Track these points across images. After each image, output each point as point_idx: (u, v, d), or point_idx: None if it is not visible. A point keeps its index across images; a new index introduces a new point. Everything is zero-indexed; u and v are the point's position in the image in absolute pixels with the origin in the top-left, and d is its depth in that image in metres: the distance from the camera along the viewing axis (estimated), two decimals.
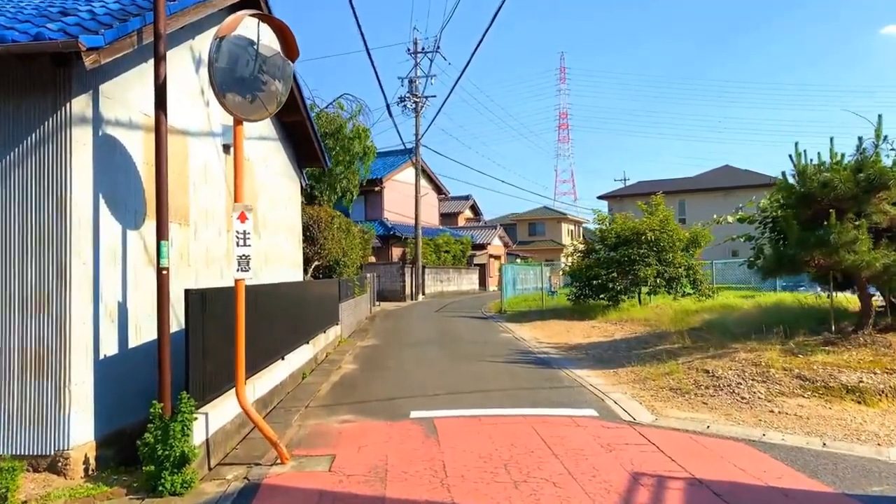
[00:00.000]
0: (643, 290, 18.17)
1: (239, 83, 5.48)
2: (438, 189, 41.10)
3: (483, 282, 42.64)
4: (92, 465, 5.04)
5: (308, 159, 11.71)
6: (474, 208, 52.86)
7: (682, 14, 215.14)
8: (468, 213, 51.92)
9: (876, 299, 10.50)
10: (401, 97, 30.78)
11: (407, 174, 34.36)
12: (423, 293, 31.76)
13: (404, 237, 32.44)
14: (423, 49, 30.83)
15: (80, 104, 5.04)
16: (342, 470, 5.11)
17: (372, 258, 27.86)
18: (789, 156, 9.33)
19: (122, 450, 5.28)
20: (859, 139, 9.31)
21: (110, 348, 5.35)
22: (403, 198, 33.46)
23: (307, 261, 14.03)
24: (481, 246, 42.89)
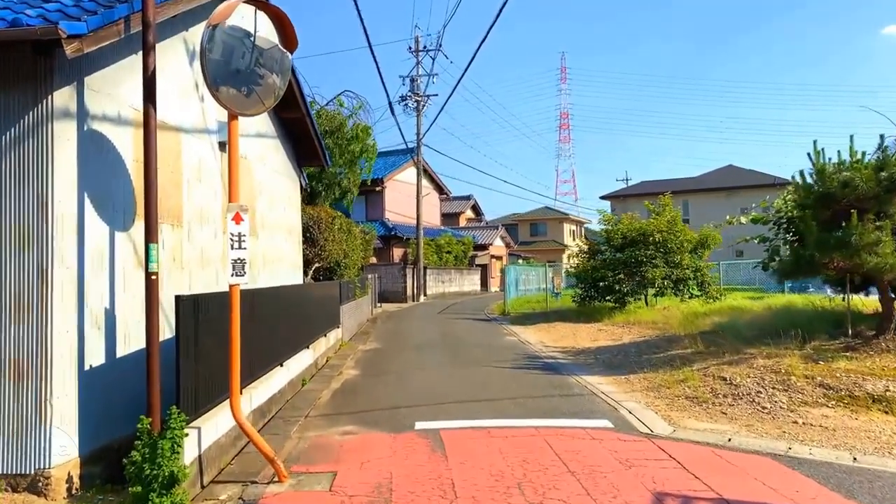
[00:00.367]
0: (650, 292, 17.80)
1: (234, 76, 5.19)
2: (440, 189, 40.75)
3: (485, 282, 42.31)
4: (76, 485, 4.70)
5: (308, 158, 11.36)
6: (476, 208, 52.54)
7: (683, 15, 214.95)
8: (469, 214, 51.59)
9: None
10: (402, 96, 30.45)
11: (408, 174, 34.02)
12: (425, 294, 31.42)
13: (406, 238, 32.11)
14: (425, 47, 30.53)
15: (63, 97, 4.70)
16: (344, 489, 4.77)
17: (373, 259, 27.52)
18: (808, 154, 8.98)
19: (110, 466, 4.94)
20: (881, 137, 8.97)
21: (96, 358, 5.01)
22: (405, 198, 33.12)
23: (307, 262, 13.67)
24: (483, 246, 42.55)
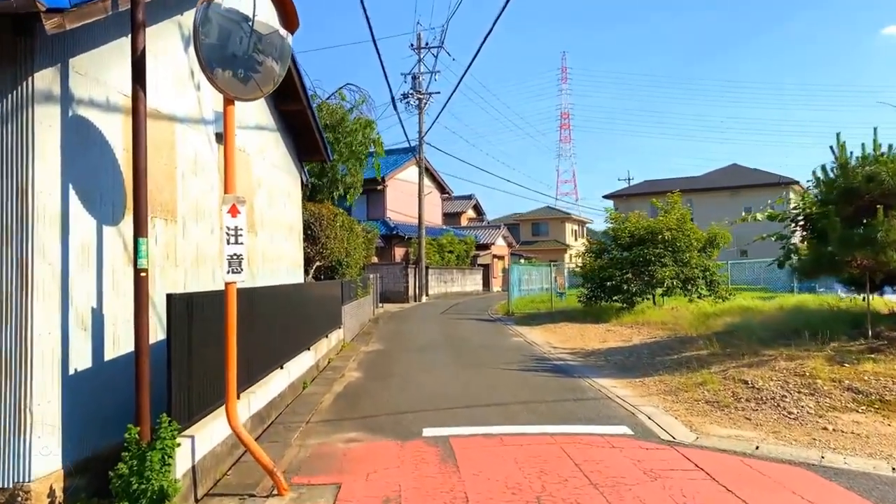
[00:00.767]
0: (657, 292, 17.43)
1: (230, 61, 4.86)
2: (442, 188, 40.39)
3: (487, 282, 41.94)
4: (59, 498, 4.32)
5: (309, 152, 10.99)
6: (477, 208, 52.17)
7: (685, 17, 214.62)
8: (471, 213, 51.23)
9: None
10: (404, 93, 30.08)
11: (409, 173, 33.65)
12: (427, 294, 31.05)
13: (407, 237, 31.75)
14: (427, 44, 30.15)
15: (45, 79, 4.33)
16: None
17: (374, 258, 27.16)
18: (830, 147, 8.63)
19: (97, 478, 4.56)
20: None
21: (82, 361, 4.64)
22: (406, 197, 32.74)
23: (308, 261, 13.31)
24: (485, 246, 42.18)
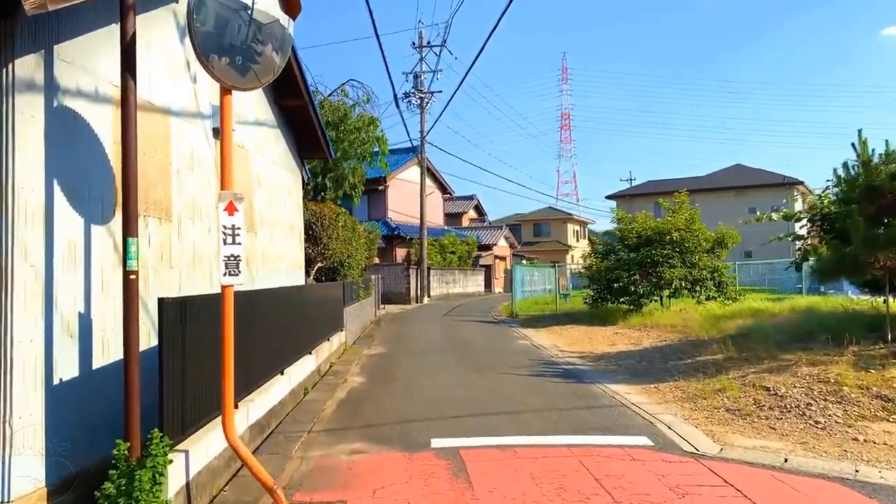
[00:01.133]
0: (665, 294, 17.10)
1: (228, 50, 4.56)
2: (443, 188, 40.05)
3: (489, 283, 41.62)
4: None
5: (310, 149, 10.65)
6: (478, 208, 51.84)
7: (685, 21, 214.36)
8: (472, 214, 50.89)
9: None
10: (405, 93, 29.75)
11: (411, 173, 33.32)
12: (429, 295, 30.71)
13: (409, 238, 31.43)
14: (429, 43, 29.82)
15: (28, 66, 4.01)
16: None
17: (376, 259, 26.83)
18: (852, 144, 8.29)
19: (85, 496, 4.23)
20: None
21: (68, 370, 4.31)
22: (408, 197, 32.41)
23: (309, 262, 12.97)
24: (487, 247, 41.86)
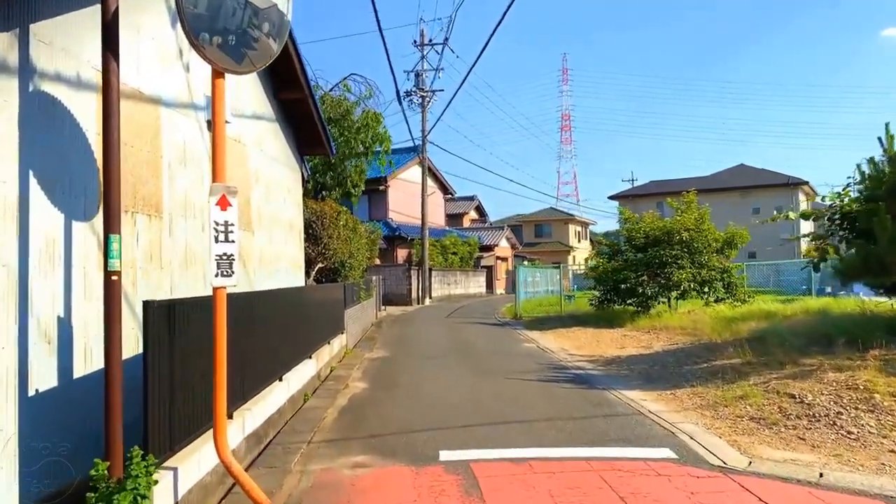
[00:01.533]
0: (673, 295, 16.71)
1: (221, 31, 4.27)
2: (444, 188, 39.67)
3: (490, 284, 41.25)
4: None
5: (310, 145, 10.27)
6: (479, 209, 51.49)
7: (685, 22, 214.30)
8: (473, 214, 50.53)
9: None
10: (407, 91, 29.39)
11: (412, 173, 32.94)
12: (430, 297, 30.34)
13: (410, 238, 31.06)
14: (431, 41, 29.47)
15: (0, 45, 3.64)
16: None
17: (377, 260, 26.46)
18: (878, 139, 7.91)
19: None
20: None
21: (45, 380, 3.93)
22: (408, 197, 32.03)
23: (309, 262, 12.60)
24: (488, 247, 41.50)
